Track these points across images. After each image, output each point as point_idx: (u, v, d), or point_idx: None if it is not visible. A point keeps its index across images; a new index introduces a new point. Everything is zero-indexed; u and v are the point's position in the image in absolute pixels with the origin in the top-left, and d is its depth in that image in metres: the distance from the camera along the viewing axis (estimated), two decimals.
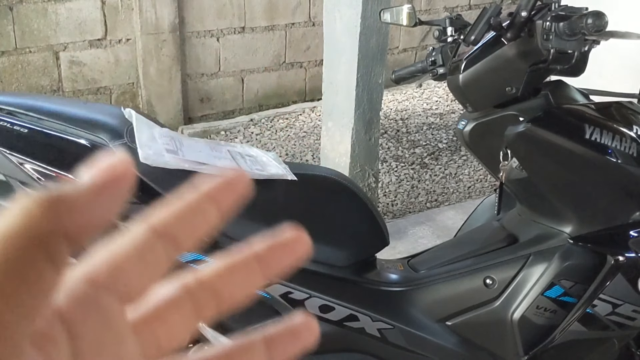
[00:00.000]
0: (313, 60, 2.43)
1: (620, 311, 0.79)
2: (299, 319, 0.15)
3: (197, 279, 0.14)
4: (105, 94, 2.11)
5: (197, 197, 0.14)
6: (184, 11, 2.11)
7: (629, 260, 0.79)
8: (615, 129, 0.79)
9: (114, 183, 0.12)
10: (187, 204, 0.14)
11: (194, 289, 0.14)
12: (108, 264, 0.12)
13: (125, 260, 0.13)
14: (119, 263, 0.12)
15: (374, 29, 1.39)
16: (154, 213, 0.13)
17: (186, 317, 0.14)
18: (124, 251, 0.13)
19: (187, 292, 0.14)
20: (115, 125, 0.76)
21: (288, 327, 0.15)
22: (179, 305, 0.14)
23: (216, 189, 0.14)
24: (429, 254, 0.94)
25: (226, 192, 0.14)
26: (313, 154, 2.01)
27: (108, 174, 0.12)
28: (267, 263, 0.14)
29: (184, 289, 0.14)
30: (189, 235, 0.13)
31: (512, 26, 0.79)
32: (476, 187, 1.89)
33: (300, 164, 1.46)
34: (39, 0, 1.90)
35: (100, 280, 0.12)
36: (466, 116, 0.88)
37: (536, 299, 0.81)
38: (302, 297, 0.80)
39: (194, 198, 0.14)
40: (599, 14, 0.72)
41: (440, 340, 0.85)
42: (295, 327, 0.15)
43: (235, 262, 0.14)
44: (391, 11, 0.92)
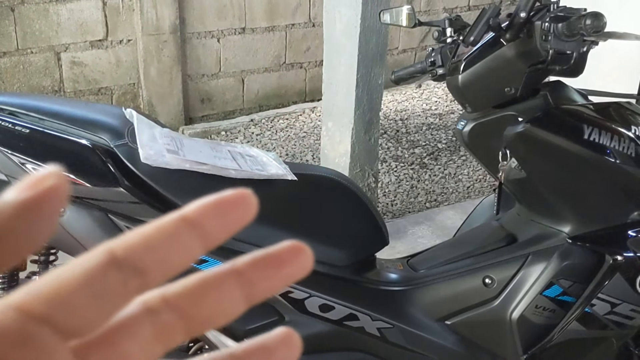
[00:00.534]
0: (313, 61, 2.43)
1: (619, 310, 0.80)
2: (278, 335, 0.13)
3: (162, 298, 0.12)
4: (106, 94, 2.12)
5: (174, 223, 0.12)
6: (184, 12, 2.12)
7: (628, 260, 0.79)
8: (614, 130, 0.79)
9: (43, 201, 0.11)
10: (161, 230, 0.12)
11: (158, 309, 0.12)
12: (48, 294, 0.11)
13: (70, 290, 0.11)
14: (61, 293, 0.11)
15: (373, 30, 1.40)
16: (118, 239, 0.12)
17: (145, 342, 0.12)
18: (70, 280, 0.11)
19: (149, 313, 0.12)
20: (116, 126, 0.77)
21: (263, 345, 0.13)
22: (137, 328, 0.12)
23: (203, 213, 0.12)
24: (429, 254, 0.94)
25: (217, 216, 0.12)
26: (313, 154, 2.02)
27: (36, 191, 0.11)
28: (250, 281, 0.12)
29: (145, 310, 0.12)
30: (159, 268, 0.11)
31: (511, 27, 0.79)
32: (475, 187, 1.90)
33: (300, 164, 1.46)
34: (40, 1, 1.91)
35: (36, 312, 0.11)
36: (465, 116, 0.88)
37: (535, 299, 0.81)
38: (302, 296, 0.80)
39: (170, 224, 0.12)
40: (598, 14, 0.73)
41: (440, 339, 0.85)
42: (271, 344, 0.13)
43: (208, 281, 0.12)
44: (391, 12, 0.93)
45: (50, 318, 0.11)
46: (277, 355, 0.13)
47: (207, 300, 0.12)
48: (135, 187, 0.74)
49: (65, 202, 0.11)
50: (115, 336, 0.12)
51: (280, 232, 0.78)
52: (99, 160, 0.73)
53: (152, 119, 0.84)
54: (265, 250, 0.13)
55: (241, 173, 0.76)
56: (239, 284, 0.12)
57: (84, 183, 0.73)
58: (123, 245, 0.11)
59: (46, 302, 0.11)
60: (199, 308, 0.12)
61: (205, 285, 0.12)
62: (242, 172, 0.76)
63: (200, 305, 0.12)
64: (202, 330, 0.12)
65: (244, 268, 0.12)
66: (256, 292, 0.12)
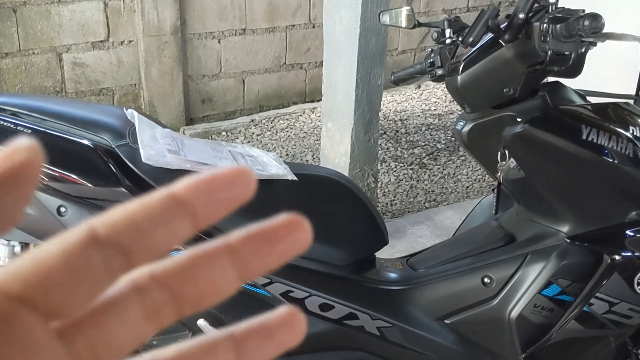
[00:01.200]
0: (313, 62, 2.44)
1: (617, 310, 0.80)
2: (278, 315, 0.12)
3: (151, 276, 0.11)
4: (108, 95, 2.12)
5: (162, 201, 0.11)
6: (185, 13, 2.13)
7: (625, 259, 0.80)
8: (612, 130, 0.80)
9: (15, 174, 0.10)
10: (147, 208, 0.11)
11: (147, 287, 0.11)
12: (26, 273, 0.10)
13: (49, 269, 0.10)
14: (40, 273, 0.10)
15: (373, 31, 1.40)
16: (101, 217, 0.11)
17: (132, 322, 0.11)
18: (49, 259, 0.10)
19: (138, 291, 0.11)
20: (118, 126, 0.77)
21: (262, 325, 0.12)
22: (124, 308, 0.11)
23: (193, 191, 0.11)
24: (428, 253, 0.95)
25: (209, 194, 0.11)
26: (313, 154, 2.02)
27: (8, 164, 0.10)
28: (244, 258, 0.12)
29: (134, 289, 0.11)
30: (144, 247, 0.11)
31: (510, 28, 0.79)
32: (474, 187, 1.90)
33: (301, 164, 1.47)
34: (42, 2, 1.92)
35: (13, 292, 0.10)
36: (464, 117, 0.89)
37: (533, 298, 0.81)
38: (302, 295, 0.81)
39: (157, 201, 0.11)
40: (596, 16, 0.73)
41: (439, 338, 0.86)
42: (271, 324, 0.12)
43: (199, 257, 0.11)
44: (390, 13, 0.93)
45: (29, 298, 0.10)
46: (278, 336, 0.12)
47: (199, 278, 0.11)
48: (137, 187, 0.74)
49: (38, 175, 0.11)
50: (102, 316, 0.11)
51: None
52: (100, 161, 0.74)
53: (153, 119, 0.85)
54: (260, 224, 0.12)
55: None
56: (231, 260, 0.12)
57: (86, 183, 0.74)
58: (105, 223, 0.11)
59: (24, 282, 0.10)
60: (190, 286, 0.11)
61: (197, 262, 0.11)
62: None
63: (191, 283, 0.11)
64: (194, 309, 0.12)
65: (237, 244, 0.12)
66: (250, 269, 0.12)
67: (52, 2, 1.93)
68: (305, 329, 0.12)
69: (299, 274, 0.81)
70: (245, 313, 0.75)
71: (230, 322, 0.64)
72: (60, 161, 0.74)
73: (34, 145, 0.11)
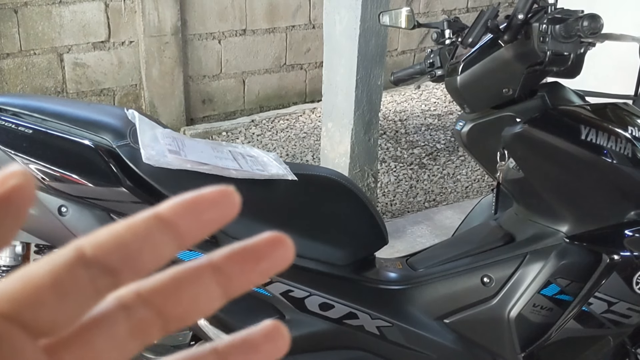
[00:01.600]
0: (313, 62, 2.44)
1: (616, 309, 0.80)
2: (262, 328, 0.13)
3: (137, 294, 0.12)
4: (109, 95, 2.13)
5: (147, 222, 0.11)
6: (186, 14, 2.13)
7: (624, 259, 0.80)
8: (611, 130, 0.80)
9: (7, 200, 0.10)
10: (132, 228, 0.11)
11: (133, 305, 0.12)
12: (14, 292, 0.11)
13: (37, 289, 0.11)
14: (28, 292, 0.11)
15: (373, 32, 1.41)
16: (88, 237, 0.11)
17: (119, 339, 0.11)
18: (37, 279, 0.11)
19: (124, 309, 0.12)
20: (119, 126, 0.78)
21: (246, 339, 0.13)
22: (110, 325, 0.11)
23: (177, 212, 0.12)
24: (427, 253, 0.95)
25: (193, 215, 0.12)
26: (313, 155, 2.03)
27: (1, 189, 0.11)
28: (228, 275, 0.12)
29: (120, 306, 0.12)
30: (130, 267, 0.11)
31: (509, 29, 0.80)
32: (474, 187, 1.90)
33: (301, 164, 1.47)
34: (43, 3, 1.92)
35: (1, 310, 0.10)
36: (464, 117, 0.89)
37: (533, 297, 0.81)
38: (302, 295, 0.81)
39: (143, 222, 0.11)
40: (595, 16, 0.73)
41: (438, 337, 0.86)
42: (255, 338, 0.12)
43: (184, 275, 0.12)
44: (390, 14, 0.94)
45: (18, 317, 0.11)
46: (262, 350, 0.12)
47: (183, 296, 0.12)
48: (137, 187, 0.75)
49: (32, 200, 0.11)
50: (88, 333, 0.11)
51: (280, 231, 0.79)
52: (101, 161, 0.74)
53: (154, 119, 0.85)
54: (243, 242, 0.12)
55: (242, 173, 0.77)
56: (215, 278, 0.12)
57: (87, 183, 0.74)
58: (92, 243, 0.11)
59: (12, 301, 0.11)
60: (174, 303, 0.12)
61: (181, 280, 0.12)
62: (243, 172, 0.77)
63: (175, 301, 0.12)
64: (179, 326, 0.12)
65: (221, 262, 0.12)
66: (234, 287, 0.12)
67: (53, 2, 1.93)
68: (289, 343, 0.13)
69: (299, 273, 0.81)
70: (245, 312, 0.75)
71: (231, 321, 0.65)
72: (61, 161, 0.74)
73: (25, 171, 0.11)
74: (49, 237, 0.75)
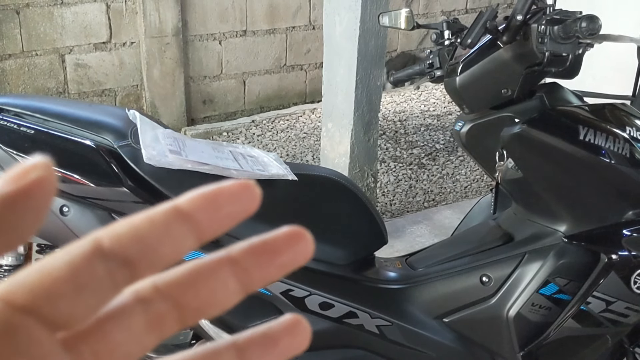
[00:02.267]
0: (313, 63, 2.45)
1: (614, 308, 0.81)
2: (282, 322, 0.13)
3: (154, 287, 0.12)
4: (110, 96, 2.14)
5: (166, 214, 0.11)
6: (187, 15, 2.14)
7: (622, 259, 0.80)
8: (609, 130, 0.80)
9: (29, 193, 0.10)
10: (151, 221, 0.11)
11: (150, 298, 0.11)
12: (32, 284, 0.11)
13: (55, 281, 0.11)
14: (46, 284, 0.10)
15: (372, 32, 1.41)
16: (106, 229, 0.11)
17: (136, 332, 0.11)
18: (55, 271, 0.11)
19: (141, 302, 0.11)
20: (120, 127, 0.78)
21: (266, 333, 0.12)
22: (127, 318, 0.11)
23: (197, 205, 0.11)
24: (427, 253, 0.95)
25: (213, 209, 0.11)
26: (313, 155, 2.03)
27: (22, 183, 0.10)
28: (246, 269, 0.12)
29: (137, 299, 0.11)
30: (148, 260, 0.11)
31: (508, 30, 0.80)
32: (473, 187, 1.91)
33: (301, 165, 1.48)
34: (45, 4, 1.93)
35: (19, 302, 0.10)
36: (463, 118, 0.90)
37: (531, 297, 0.82)
38: (302, 294, 0.81)
39: (162, 215, 0.11)
40: (593, 17, 0.74)
41: (438, 336, 0.86)
42: (275, 332, 0.12)
43: (202, 269, 0.12)
44: (389, 15, 0.94)
45: (36, 309, 0.10)
46: (281, 344, 0.12)
47: (201, 289, 0.12)
48: (138, 187, 0.75)
49: (53, 193, 0.11)
50: (106, 326, 0.11)
51: None
52: (102, 161, 0.75)
53: (155, 120, 0.86)
54: (262, 236, 0.12)
55: (242, 173, 0.78)
56: (233, 272, 0.12)
57: (88, 183, 0.75)
58: (110, 235, 0.11)
59: (30, 293, 0.10)
60: (192, 297, 0.12)
61: (199, 274, 0.12)
62: (244, 172, 0.78)
63: (193, 294, 0.12)
64: (196, 320, 0.12)
65: (240, 256, 0.12)
66: (252, 281, 0.12)
67: (55, 3, 1.94)
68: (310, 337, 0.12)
69: (299, 272, 0.81)
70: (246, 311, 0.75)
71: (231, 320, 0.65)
72: (63, 161, 0.75)
73: (47, 163, 0.11)
74: (51, 236, 0.76)
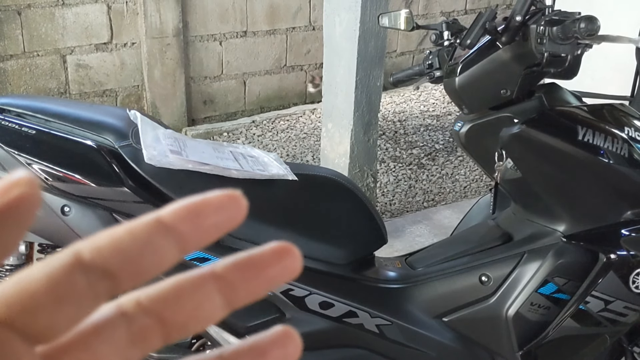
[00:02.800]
0: (313, 64, 2.45)
1: (612, 308, 0.81)
2: (271, 334, 0.12)
3: (137, 302, 0.11)
4: (111, 96, 2.14)
5: (148, 226, 0.11)
6: (187, 16, 2.14)
7: (621, 258, 0.80)
8: (607, 131, 0.80)
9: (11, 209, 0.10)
10: (133, 233, 0.11)
11: (133, 313, 0.11)
12: (10, 297, 0.10)
13: (33, 293, 0.10)
14: (24, 297, 0.10)
15: (372, 33, 1.42)
16: (86, 241, 0.11)
17: (119, 346, 0.11)
18: (33, 283, 0.11)
19: (124, 317, 0.11)
20: (121, 127, 0.79)
21: (255, 344, 0.12)
22: (110, 332, 0.11)
23: (180, 217, 0.11)
24: (426, 252, 0.96)
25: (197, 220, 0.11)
26: (313, 155, 2.04)
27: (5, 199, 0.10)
28: (232, 285, 0.12)
29: (119, 313, 0.11)
30: (130, 272, 0.11)
31: (507, 30, 0.81)
32: (472, 187, 1.91)
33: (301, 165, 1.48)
34: (46, 5, 1.94)
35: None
36: (462, 118, 0.90)
37: (530, 296, 0.82)
38: (302, 293, 0.82)
39: (144, 226, 0.11)
40: (592, 18, 0.74)
41: (437, 336, 0.87)
42: (263, 344, 0.12)
43: (185, 284, 0.12)
44: (389, 16, 0.94)
45: (13, 322, 0.10)
46: (271, 356, 0.12)
47: (184, 305, 0.11)
48: (139, 187, 0.75)
49: (36, 208, 0.11)
50: (88, 340, 0.11)
51: (281, 230, 0.80)
52: (103, 161, 0.75)
53: (156, 120, 0.86)
54: (248, 252, 0.12)
55: (243, 173, 0.78)
56: (218, 287, 0.12)
57: (89, 183, 0.75)
58: (90, 247, 0.11)
59: (7, 306, 0.10)
60: (175, 312, 0.11)
61: (183, 289, 0.12)
62: (244, 173, 0.78)
63: (177, 309, 0.11)
64: (181, 335, 0.12)
65: (225, 271, 0.12)
66: (238, 296, 0.12)
67: (56, 4, 1.95)
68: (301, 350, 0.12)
69: None
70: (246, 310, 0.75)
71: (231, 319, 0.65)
72: (64, 161, 0.75)
73: (30, 178, 0.11)
74: (52, 236, 0.76)
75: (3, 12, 1.89)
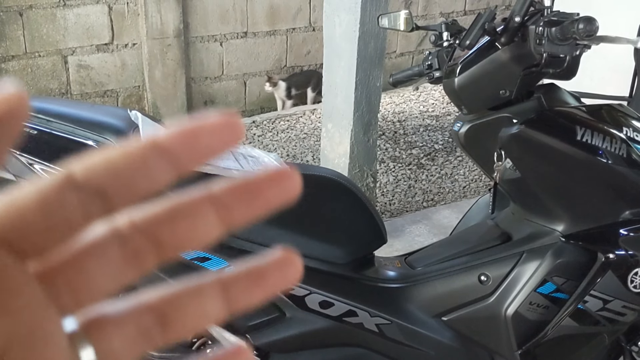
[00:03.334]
0: (313, 64, 2.46)
1: (611, 307, 0.81)
2: (272, 257, 0.12)
3: (130, 222, 0.11)
4: (112, 96, 2.15)
5: (142, 147, 0.11)
6: (188, 16, 2.15)
7: (619, 258, 0.81)
8: (606, 131, 0.81)
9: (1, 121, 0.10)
10: (126, 153, 0.11)
11: (127, 233, 0.11)
12: (0, 214, 0.10)
13: (23, 209, 0.10)
14: (13, 212, 0.10)
15: (372, 34, 1.42)
16: (78, 162, 0.11)
17: (112, 266, 0.11)
18: (23, 200, 0.10)
19: (117, 236, 0.11)
20: (122, 127, 0.79)
21: (254, 268, 0.12)
22: (104, 252, 0.11)
23: (176, 139, 0.11)
24: (426, 252, 0.96)
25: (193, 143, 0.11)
26: (313, 155, 2.04)
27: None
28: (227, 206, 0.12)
29: (113, 233, 0.11)
30: (123, 191, 0.11)
31: (506, 31, 0.81)
32: (471, 187, 1.92)
33: (301, 165, 1.49)
34: (48, 6, 1.94)
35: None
36: (461, 118, 0.90)
37: (529, 295, 0.82)
38: (302, 293, 0.82)
39: (138, 148, 0.11)
40: (590, 19, 0.74)
41: (437, 335, 0.87)
42: (263, 267, 0.12)
43: (181, 205, 0.11)
44: (389, 16, 0.95)
45: (3, 238, 0.10)
46: (270, 279, 0.12)
47: (179, 224, 0.11)
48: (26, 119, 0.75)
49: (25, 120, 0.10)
50: (82, 259, 0.11)
51: (281, 230, 0.80)
52: None
53: (157, 120, 0.86)
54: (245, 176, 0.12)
55: (243, 173, 0.78)
56: (214, 208, 0.11)
57: None
58: (83, 167, 0.11)
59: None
60: (170, 231, 0.11)
61: (178, 209, 0.11)
62: (244, 173, 0.78)
63: (171, 229, 0.11)
64: (175, 254, 0.11)
65: (221, 193, 0.12)
66: (233, 217, 0.12)
67: (58, 5, 1.96)
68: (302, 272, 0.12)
69: None
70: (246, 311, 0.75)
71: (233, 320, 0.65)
72: (65, 161, 0.75)
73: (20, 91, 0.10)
74: None
75: (5, 13, 1.89)
